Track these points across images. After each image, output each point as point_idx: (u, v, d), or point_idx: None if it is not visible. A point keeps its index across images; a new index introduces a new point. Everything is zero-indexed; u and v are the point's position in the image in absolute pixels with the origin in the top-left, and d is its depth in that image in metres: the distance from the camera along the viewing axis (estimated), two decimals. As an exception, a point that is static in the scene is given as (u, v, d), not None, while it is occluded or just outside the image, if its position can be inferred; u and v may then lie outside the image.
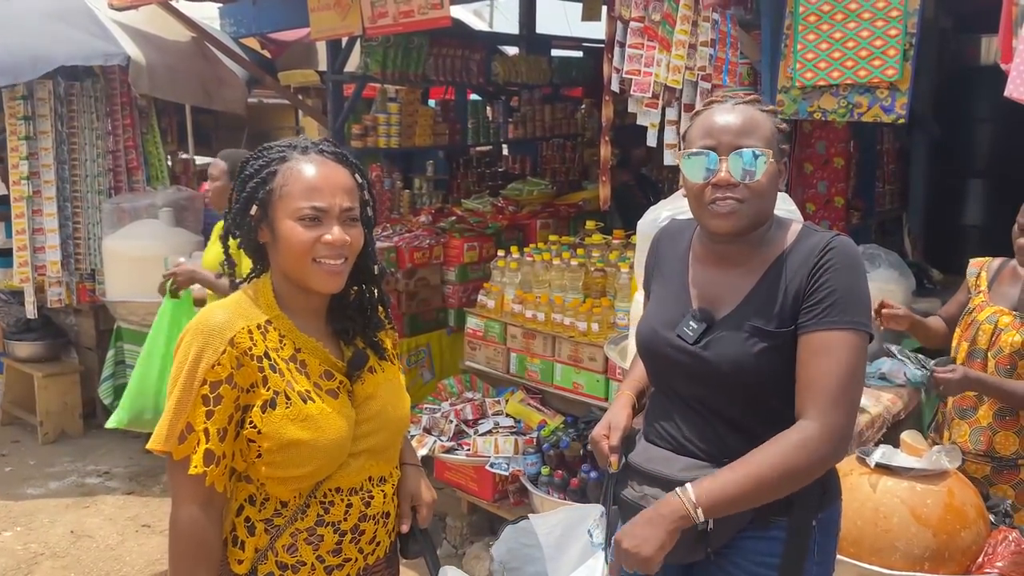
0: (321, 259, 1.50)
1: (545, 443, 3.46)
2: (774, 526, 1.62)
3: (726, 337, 1.61)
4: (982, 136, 4.99)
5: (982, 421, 2.56)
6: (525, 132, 6.73)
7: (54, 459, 4.96)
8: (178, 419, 1.46)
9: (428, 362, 4.81)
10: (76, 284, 5.22)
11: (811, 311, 1.55)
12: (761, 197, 1.59)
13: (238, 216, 1.56)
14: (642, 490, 1.67)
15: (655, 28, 3.26)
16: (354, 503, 1.58)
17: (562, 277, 3.77)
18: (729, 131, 1.58)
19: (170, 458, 1.48)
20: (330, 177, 1.52)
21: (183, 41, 5.42)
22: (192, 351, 1.47)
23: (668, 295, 1.75)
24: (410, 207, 6.01)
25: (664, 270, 1.81)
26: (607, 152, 3.63)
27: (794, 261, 1.61)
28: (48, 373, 5.24)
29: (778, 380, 1.59)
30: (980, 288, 2.67)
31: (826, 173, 4.27)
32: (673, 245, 1.82)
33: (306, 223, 1.49)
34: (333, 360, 1.59)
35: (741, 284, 1.64)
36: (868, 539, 2.15)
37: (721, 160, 1.57)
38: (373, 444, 1.61)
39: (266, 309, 1.54)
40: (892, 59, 2.88)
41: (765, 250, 1.65)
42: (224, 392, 1.46)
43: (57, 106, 5.02)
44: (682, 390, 1.69)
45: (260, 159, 1.55)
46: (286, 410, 1.49)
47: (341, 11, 4.51)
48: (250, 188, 1.53)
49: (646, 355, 1.77)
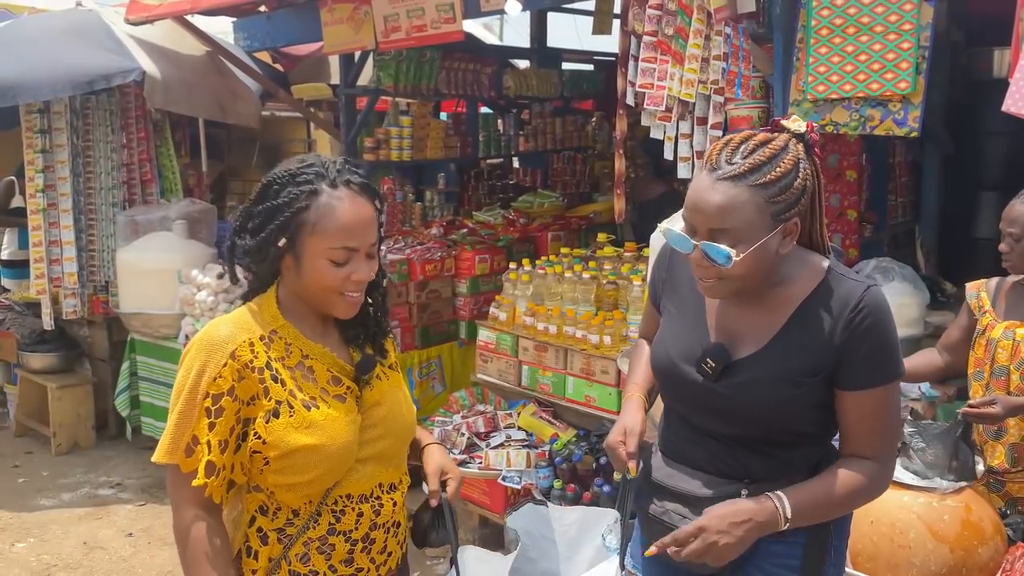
0: (347, 293, 1.55)
1: (557, 456, 3.45)
2: (793, 534, 1.62)
3: (754, 382, 1.59)
4: (994, 149, 4.96)
5: (1014, 436, 2.55)
6: (536, 145, 6.74)
7: (67, 470, 4.98)
8: (183, 431, 1.50)
9: (439, 374, 4.80)
10: (90, 296, 5.26)
11: (855, 370, 1.55)
12: (739, 277, 1.54)
13: (263, 243, 1.53)
14: (663, 505, 1.68)
15: (668, 42, 3.27)
16: (365, 511, 1.60)
17: (574, 290, 3.77)
18: (704, 217, 1.51)
19: (175, 469, 1.52)
20: (360, 215, 1.54)
21: (197, 55, 5.47)
22: (195, 365, 1.51)
23: (685, 322, 1.72)
24: (421, 219, 6.03)
25: (679, 290, 1.77)
26: (621, 165, 3.64)
27: (825, 309, 1.57)
28: (62, 385, 5.27)
29: (804, 414, 1.60)
30: (984, 308, 2.65)
31: (838, 186, 4.26)
32: (686, 263, 1.76)
33: (337, 263, 1.53)
34: (341, 364, 1.61)
35: (764, 325, 1.61)
36: (884, 555, 2.14)
37: (695, 245, 1.54)
38: (381, 450, 1.62)
39: (271, 320, 1.57)
40: (905, 72, 2.88)
41: (786, 290, 1.61)
42: (225, 404, 1.50)
43: (73, 119, 5.07)
44: (703, 421, 1.69)
45: (289, 188, 1.52)
46: (289, 419, 1.51)
47: (354, 25, 4.55)
48: (282, 219, 1.51)
49: (664, 381, 1.76)
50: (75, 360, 5.50)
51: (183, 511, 1.54)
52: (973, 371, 2.66)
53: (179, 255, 4.86)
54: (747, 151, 1.51)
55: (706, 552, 1.52)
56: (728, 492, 1.60)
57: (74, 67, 4.72)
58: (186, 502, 1.53)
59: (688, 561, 1.55)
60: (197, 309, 4.62)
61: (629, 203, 4.84)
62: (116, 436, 5.40)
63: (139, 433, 5.08)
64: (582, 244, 5.32)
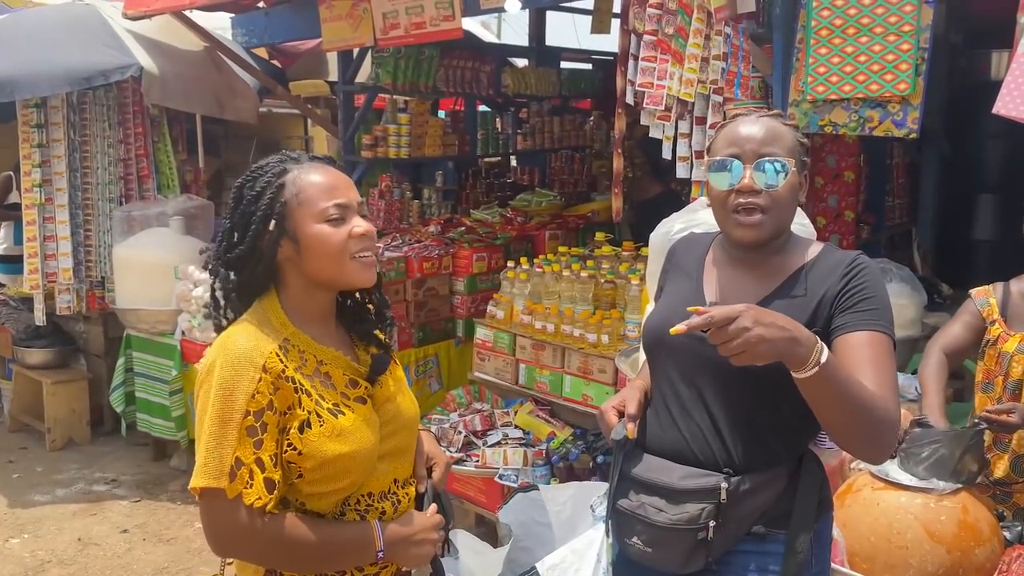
0: (357, 254, 1.52)
1: (554, 455, 3.45)
2: (772, 539, 1.63)
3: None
4: (992, 151, 4.98)
5: (1018, 447, 2.55)
6: (534, 143, 6.75)
7: (61, 466, 4.97)
8: (223, 454, 1.41)
9: (436, 372, 4.80)
10: (86, 291, 5.24)
11: (850, 312, 1.58)
12: (782, 205, 1.63)
13: (253, 240, 1.51)
14: (639, 499, 1.66)
15: (668, 41, 3.27)
16: (386, 508, 1.58)
17: (572, 289, 3.77)
18: (753, 140, 1.63)
19: (217, 495, 1.41)
20: (336, 174, 1.56)
21: (195, 51, 5.46)
22: (224, 383, 1.43)
23: (682, 291, 1.77)
24: (419, 217, 6.02)
25: (678, 272, 1.84)
26: (619, 164, 3.64)
27: (818, 272, 1.65)
28: (57, 380, 5.25)
29: (791, 386, 1.59)
30: (994, 317, 2.63)
31: (837, 187, 4.27)
32: (689, 251, 1.85)
33: (334, 222, 1.51)
34: (355, 367, 1.60)
35: (758, 288, 1.67)
36: (882, 555, 2.14)
37: (745, 167, 1.62)
38: (395, 445, 1.62)
39: (281, 328, 1.52)
40: (904, 73, 2.89)
41: (784, 260, 1.69)
42: (268, 419, 1.44)
43: (70, 114, 5.05)
44: (691, 382, 1.67)
45: (258, 181, 1.52)
46: (320, 428, 1.48)
47: (353, 22, 4.54)
48: (263, 206, 1.50)
49: (654, 344, 1.75)
50: (70, 356, 5.49)
51: (232, 534, 1.43)
52: (982, 381, 2.64)
53: (176, 251, 4.85)
54: (767, 108, 1.68)
55: (739, 336, 1.36)
56: (709, 484, 1.59)
57: (72, 63, 4.71)
58: (232, 527, 1.43)
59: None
60: (194, 305, 4.60)
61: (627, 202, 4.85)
62: (111, 432, 5.39)
63: (134, 429, 5.07)
64: (580, 243, 5.32)
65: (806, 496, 1.63)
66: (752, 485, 1.60)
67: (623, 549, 1.74)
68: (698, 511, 1.59)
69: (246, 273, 1.54)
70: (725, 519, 1.59)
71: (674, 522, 1.60)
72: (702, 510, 1.59)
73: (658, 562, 1.66)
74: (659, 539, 1.63)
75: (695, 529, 1.59)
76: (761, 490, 1.61)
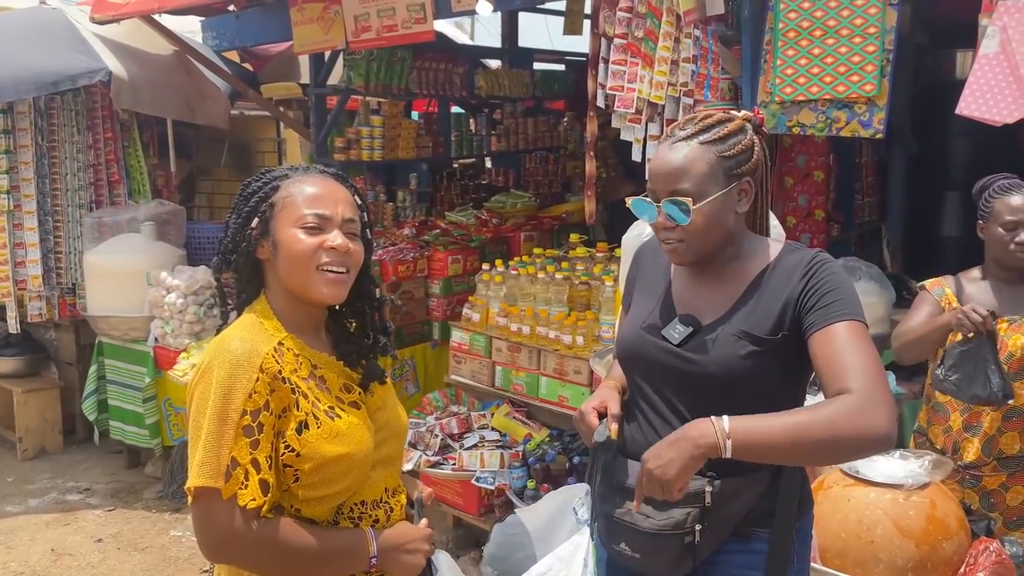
0: (324, 266, 1.51)
1: (531, 457, 3.47)
2: (756, 538, 1.65)
3: (714, 340, 1.64)
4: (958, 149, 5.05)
5: (988, 428, 2.59)
6: (508, 145, 6.75)
7: (34, 476, 4.91)
8: (219, 454, 1.41)
9: (412, 375, 4.80)
10: (57, 299, 5.19)
11: (816, 310, 1.58)
12: (701, 234, 1.64)
13: (237, 234, 1.55)
14: (627, 506, 1.67)
15: (638, 45, 3.30)
16: (379, 517, 1.59)
17: (547, 290, 3.78)
18: (662, 177, 1.65)
19: (212, 494, 1.41)
20: (331, 188, 1.56)
21: (165, 55, 5.41)
22: (221, 383, 1.43)
23: (651, 303, 1.79)
24: (393, 220, 6.01)
25: (645, 281, 1.85)
26: (592, 167, 3.66)
27: (780, 273, 1.66)
28: (27, 389, 5.19)
29: (767, 390, 1.62)
30: (954, 305, 2.69)
31: (806, 186, 4.32)
32: (654, 258, 1.86)
33: (309, 230, 1.51)
34: (349, 373, 1.61)
35: (724, 296, 1.69)
36: (852, 551, 2.17)
37: (658, 207, 1.65)
38: (387, 454, 1.63)
39: (274, 331, 1.52)
40: (870, 75, 2.93)
41: (744, 265, 1.70)
42: (264, 420, 1.44)
43: (37, 120, 5.00)
44: (666, 396, 1.70)
45: (261, 179, 1.59)
46: (318, 430, 1.48)
47: (325, 25, 4.52)
48: (253, 203, 1.55)
49: (629, 358, 1.78)
50: (41, 364, 5.42)
51: (225, 536, 1.42)
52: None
53: (148, 257, 4.81)
54: (698, 119, 1.69)
55: (651, 484, 1.50)
56: (694, 488, 1.60)
57: (39, 67, 4.65)
58: (225, 529, 1.42)
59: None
60: (167, 311, 4.57)
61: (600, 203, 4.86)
62: (84, 440, 5.34)
63: (107, 437, 5.02)
64: (555, 244, 5.34)
65: (788, 494, 1.65)
66: (736, 487, 1.62)
67: (612, 555, 1.76)
68: (684, 515, 1.61)
69: (232, 265, 1.57)
70: (711, 522, 1.61)
71: (661, 527, 1.62)
72: (688, 514, 1.61)
73: (647, 567, 1.68)
74: (647, 545, 1.65)
75: (682, 534, 1.61)
76: (745, 491, 1.63)
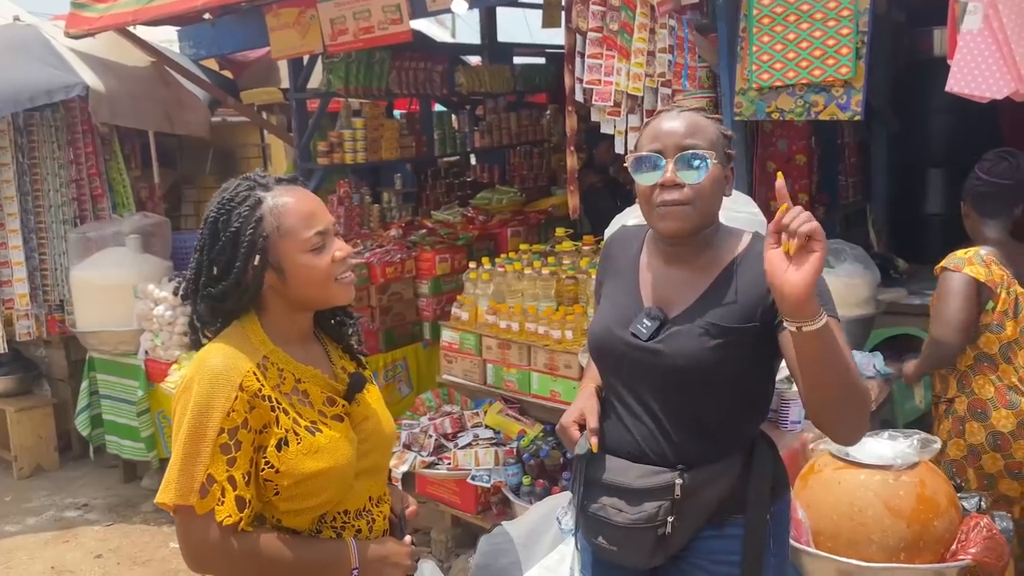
0: (340, 276, 1.57)
1: (525, 453, 3.47)
2: (731, 524, 1.67)
3: (681, 332, 1.64)
4: (939, 127, 5.07)
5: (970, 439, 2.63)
6: (492, 141, 6.74)
7: (31, 494, 4.89)
8: (194, 471, 1.42)
9: (405, 376, 4.80)
10: (45, 316, 5.17)
11: None
12: (705, 198, 1.63)
13: (239, 274, 1.50)
14: (601, 501, 1.70)
15: (614, 38, 3.29)
16: (361, 527, 1.60)
17: (534, 286, 3.78)
18: (675, 134, 1.64)
19: (188, 512, 1.43)
20: (311, 200, 1.57)
21: (142, 67, 5.39)
22: (200, 400, 1.44)
23: (619, 295, 1.79)
24: (380, 222, 6.00)
25: (615, 273, 1.84)
26: (573, 162, 3.66)
27: (748, 264, 1.65)
28: (21, 407, 5.17)
29: (736, 379, 1.62)
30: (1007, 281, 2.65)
31: (789, 170, 4.32)
32: (624, 249, 1.86)
33: (317, 251, 1.53)
34: (333, 385, 1.61)
35: (693, 284, 1.68)
36: (845, 533, 2.18)
37: (668, 162, 1.63)
38: (371, 463, 1.63)
39: (260, 346, 1.53)
40: (845, 57, 2.94)
41: (716, 253, 1.70)
42: (242, 437, 1.45)
43: (17, 137, 4.97)
44: (636, 390, 1.70)
45: (234, 212, 1.51)
46: (298, 446, 1.49)
47: (301, 30, 4.51)
48: (246, 241, 1.50)
49: (599, 354, 1.79)
50: (33, 382, 5.40)
51: (204, 551, 1.44)
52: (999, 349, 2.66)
53: (134, 270, 4.79)
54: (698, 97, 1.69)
55: (799, 215, 1.37)
56: (663, 481, 1.63)
57: (14, 84, 4.63)
58: (204, 544, 1.44)
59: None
60: (155, 324, 4.56)
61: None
62: (80, 456, 5.32)
63: (103, 452, 5.01)
64: (542, 238, 5.34)
65: (759, 481, 1.67)
66: (706, 478, 1.64)
67: (593, 549, 1.78)
68: (655, 508, 1.63)
69: (229, 303, 1.54)
70: (682, 513, 1.63)
71: (633, 521, 1.64)
72: (659, 507, 1.62)
73: (624, 559, 1.70)
74: (622, 538, 1.66)
75: (655, 526, 1.63)
76: (716, 481, 1.65)
